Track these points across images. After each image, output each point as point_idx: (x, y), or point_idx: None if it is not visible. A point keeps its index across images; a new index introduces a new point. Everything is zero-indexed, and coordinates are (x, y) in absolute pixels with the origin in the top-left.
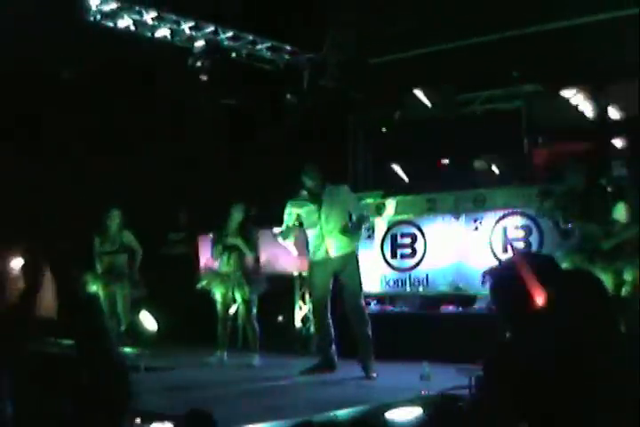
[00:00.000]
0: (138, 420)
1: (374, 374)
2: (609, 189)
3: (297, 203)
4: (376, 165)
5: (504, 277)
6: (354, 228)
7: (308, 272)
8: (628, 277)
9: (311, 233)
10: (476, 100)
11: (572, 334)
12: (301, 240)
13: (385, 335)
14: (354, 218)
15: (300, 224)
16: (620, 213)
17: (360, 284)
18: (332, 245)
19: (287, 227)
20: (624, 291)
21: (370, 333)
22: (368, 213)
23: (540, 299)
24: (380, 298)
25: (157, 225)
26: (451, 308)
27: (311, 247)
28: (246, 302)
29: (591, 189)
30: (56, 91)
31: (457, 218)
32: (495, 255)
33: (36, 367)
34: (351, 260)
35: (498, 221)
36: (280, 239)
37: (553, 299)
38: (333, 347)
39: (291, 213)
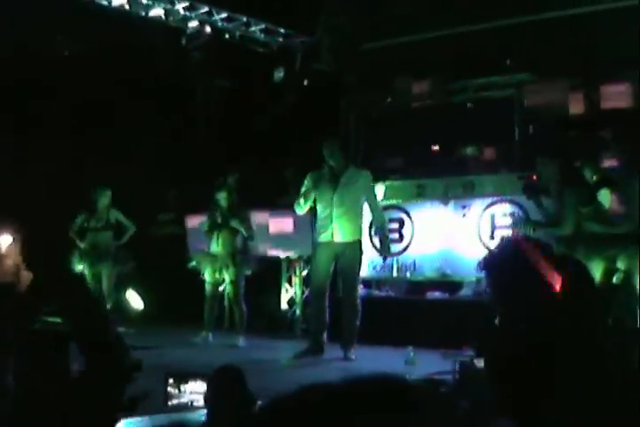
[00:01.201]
0: (171, 380)
1: (353, 356)
2: (593, 178)
3: (316, 176)
4: (366, 149)
5: (507, 260)
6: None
7: (311, 252)
8: (620, 265)
9: (320, 212)
10: (469, 88)
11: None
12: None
13: (371, 320)
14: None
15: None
16: (605, 199)
17: (357, 273)
18: (338, 230)
19: (302, 198)
20: (615, 278)
21: (358, 323)
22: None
23: (557, 284)
24: (367, 282)
25: (146, 205)
26: (437, 294)
27: (317, 227)
28: (234, 283)
29: (568, 178)
30: (46, 68)
31: (446, 204)
32: (482, 242)
33: (30, 345)
34: (354, 247)
35: (486, 208)
36: (296, 210)
37: (567, 284)
38: (325, 333)
39: (308, 185)
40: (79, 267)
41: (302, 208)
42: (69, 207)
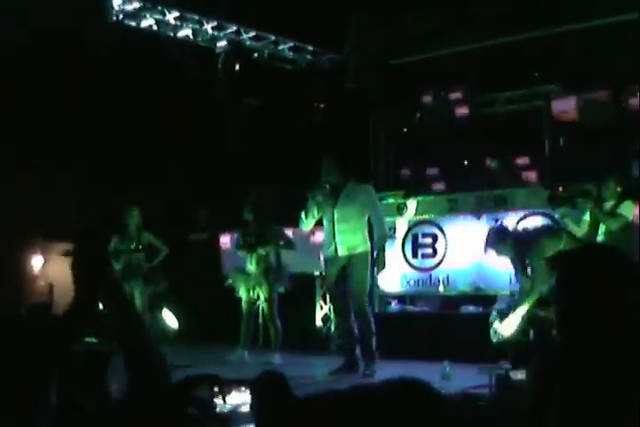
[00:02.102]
0: (215, 388)
1: (372, 371)
2: (618, 190)
3: (316, 192)
4: (397, 165)
5: (595, 267)
6: (380, 258)
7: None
8: None
9: (325, 227)
10: (498, 101)
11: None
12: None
13: (405, 335)
14: (374, 238)
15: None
16: (627, 210)
17: (365, 285)
18: (341, 244)
19: (307, 214)
20: None
21: (373, 337)
22: (388, 230)
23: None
24: (401, 297)
25: (178, 225)
26: (471, 308)
27: (324, 242)
28: (268, 301)
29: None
30: (78, 88)
31: (478, 218)
32: None
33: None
34: (360, 259)
35: (518, 222)
36: (301, 226)
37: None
38: (358, 348)
39: (313, 201)
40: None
41: (306, 225)
42: (103, 229)
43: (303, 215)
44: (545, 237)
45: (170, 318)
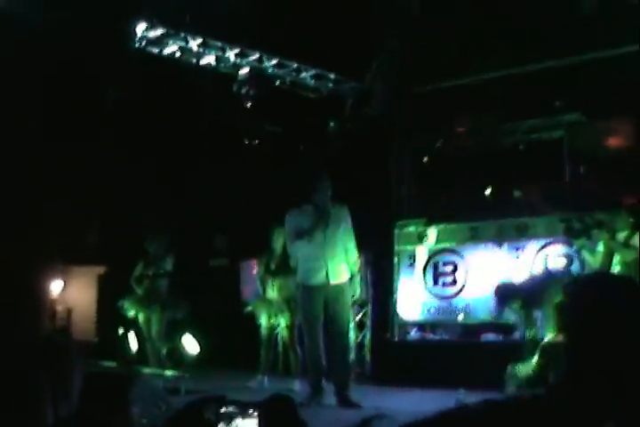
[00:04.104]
0: (222, 410)
1: (350, 395)
2: (630, 220)
3: (298, 214)
4: (419, 192)
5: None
6: (357, 285)
7: (298, 297)
8: None
9: (310, 252)
10: (519, 130)
11: None
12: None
13: (424, 363)
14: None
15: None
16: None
17: (349, 318)
18: (332, 271)
19: (297, 238)
20: None
21: (351, 367)
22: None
23: None
24: (421, 326)
25: (197, 251)
26: (491, 336)
27: (306, 269)
28: (289, 328)
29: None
30: (100, 115)
31: (500, 246)
32: None
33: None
34: (346, 290)
35: (540, 250)
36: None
37: None
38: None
39: (295, 224)
40: (131, 313)
41: (300, 248)
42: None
43: (297, 247)
44: (552, 285)
45: (190, 344)
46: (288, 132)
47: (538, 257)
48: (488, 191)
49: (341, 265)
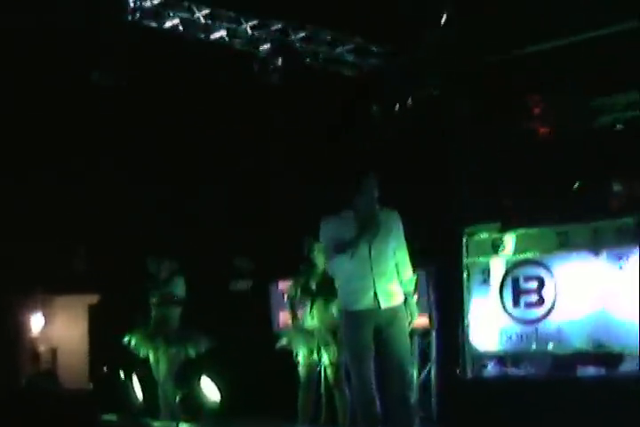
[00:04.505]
0: None
1: None
2: None
3: (337, 223)
4: (490, 191)
5: None
6: (412, 307)
7: (341, 326)
8: None
9: (353, 271)
10: (617, 106)
11: None
12: None
13: (508, 405)
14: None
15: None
16: None
17: (408, 349)
18: (382, 293)
19: (341, 251)
20: None
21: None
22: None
23: None
24: (500, 358)
25: (218, 274)
26: (591, 369)
27: (349, 291)
28: (334, 365)
29: None
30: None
31: (596, 255)
32: None
33: None
34: (401, 313)
35: None
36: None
37: None
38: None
39: (332, 235)
40: (143, 351)
41: (341, 264)
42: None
43: (338, 262)
44: None
45: (210, 389)
46: (322, 119)
47: None
48: (578, 186)
49: (393, 284)
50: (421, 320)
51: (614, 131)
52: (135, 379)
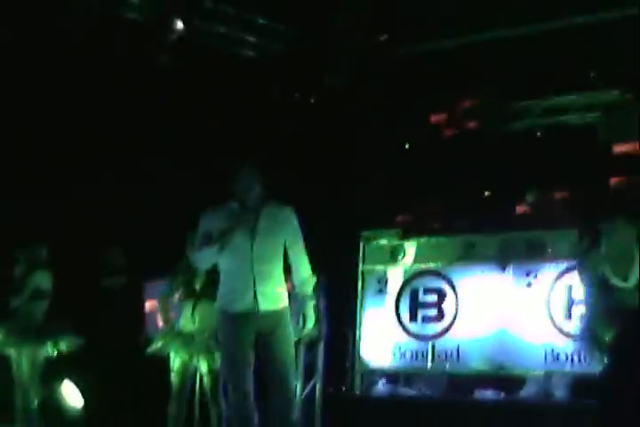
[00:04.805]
0: None
1: None
2: None
3: (219, 215)
4: (392, 194)
5: None
6: (306, 319)
7: (217, 330)
8: None
9: (230, 268)
10: (537, 110)
11: None
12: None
13: (399, 425)
14: (299, 288)
15: None
16: None
17: (293, 356)
18: (263, 292)
19: (209, 241)
20: None
21: (296, 422)
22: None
23: None
24: (392, 376)
25: (86, 267)
26: (489, 393)
27: (226, 291)
28: (213, 374)
29: None
30: None
31: (503, 269)
32: (554, 323)
33: None
34: (284, 319)
35: (560, 277)
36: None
37: None
38: None
39: (210, 227)
40: (3, 349)
41: (206, 257)
42: None
43: (207, 253)
44: None
45: (71, 394)
46: (214, 102)
47: (557, 286)
48: (489, 193)
49: (279, 286)
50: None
51: (532, 137)
52: None
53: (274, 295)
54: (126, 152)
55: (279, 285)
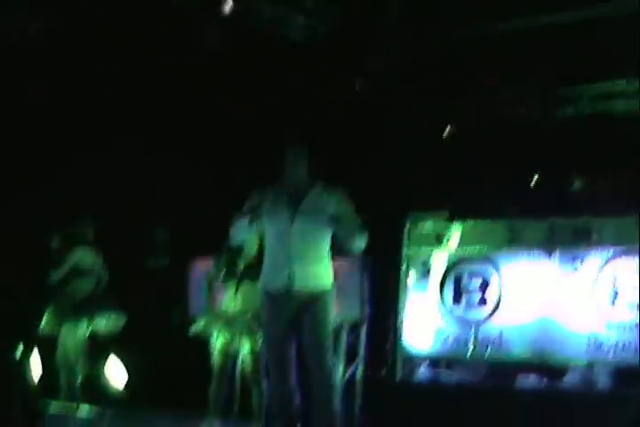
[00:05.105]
0: None
1: None
2: None
3: (266, 196)
4: (439, 177)
5: None
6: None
7: (260, 309)
8: None
9: (271, 248)
10: (584, 96)
11: None
12: None
13: (437, 412)
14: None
15: None
16: None
17: (329, 335)
18: (299, 274)
19: (247, 225)
20: None
21: (337, 407)
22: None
23: None
24: (434, 360)
25: (131, 246)
26: (531, 380)
27: (266, 271)
28: (254, 354)
29: None
30: None
31: (549, 255)
32: (600, 311)
33: None
34: (323, 300)
35: (607, 263)
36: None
37: None
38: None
39: (256, 205)
40: (50, 327)
41: (241, 233)
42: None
43: (239, 227)
44: None
45: (117, 370)
46: (258, 85)
47: (603, 273)
48: (535, 179)
49: (317, 265)
50: (353, 312)
51: (580, 123)
52: (35, 357)
53: (311, 275)
54: (174, 132)
55: (319, 265)
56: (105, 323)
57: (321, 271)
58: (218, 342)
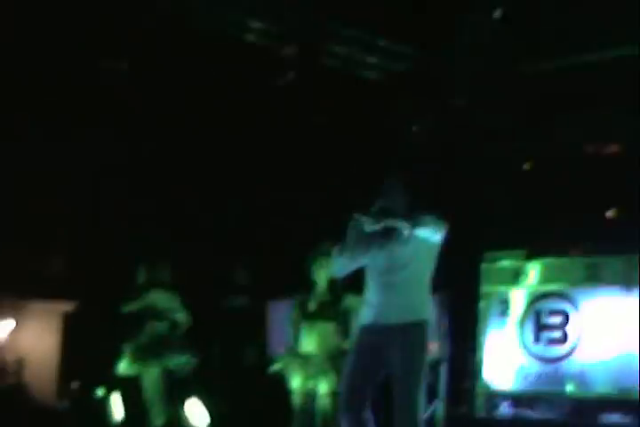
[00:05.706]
0: None
1: None
2: None
3: (358, 224)
4: (516, 215)
5: None
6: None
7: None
8: None
9: (367, 279)
10: None
11: None
12: None
13: None
14: None
15: None
16: None
17: (421, 372)
18: (388, 306)
19: (345, 250)
20: None
21: None
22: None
23: None
24: (516, 398)
25: (211, 286)
26: (615, 417)
27: (363, 304)
28: (334, 395)
29: None
30: None
31: (628, 290)
32: None
33: None
34: (415, 332)
35: None
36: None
37: None
38: None
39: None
40: (132, 367)
41: (341, 266)
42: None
43: (338, 251)
44: None
45: (197, 412)
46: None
47: None
48: (612, 212)
49: (409, 298)
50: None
51: None
52: (116, 397)
53: (402, 307)
54: (254, 171)
55: (412, 296)
56: (181, 365)
57: (413, 302)
58: (294, 382)
